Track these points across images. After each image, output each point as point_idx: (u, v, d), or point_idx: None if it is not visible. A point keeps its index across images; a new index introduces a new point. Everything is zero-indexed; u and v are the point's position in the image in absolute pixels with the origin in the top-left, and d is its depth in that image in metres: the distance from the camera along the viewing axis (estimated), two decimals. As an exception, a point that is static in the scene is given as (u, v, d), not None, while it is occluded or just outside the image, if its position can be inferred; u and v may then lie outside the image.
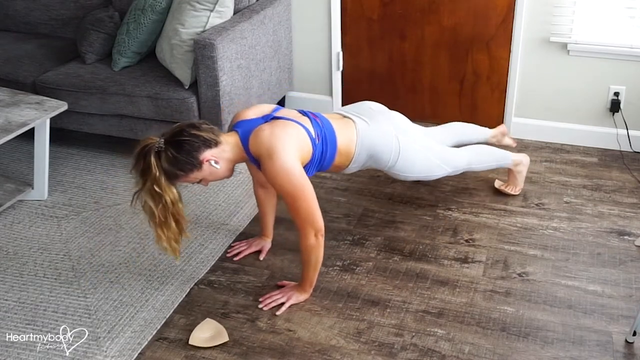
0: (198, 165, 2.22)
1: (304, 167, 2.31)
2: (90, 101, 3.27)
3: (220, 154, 2.26)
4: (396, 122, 2.63)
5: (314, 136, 2.34)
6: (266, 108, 2.41)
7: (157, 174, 2.16)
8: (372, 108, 2.64)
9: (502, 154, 2.94)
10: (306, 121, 2.37)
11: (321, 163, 2.41)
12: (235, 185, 3.18)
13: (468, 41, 3.53)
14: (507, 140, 3.26)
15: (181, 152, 2.18)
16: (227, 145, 2.28)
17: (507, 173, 3.07)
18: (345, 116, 2.54)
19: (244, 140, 2.29)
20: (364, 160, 2.53)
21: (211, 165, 2.24)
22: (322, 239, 2.31)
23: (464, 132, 3.04)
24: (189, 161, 2.19)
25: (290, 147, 2.23)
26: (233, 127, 2.38)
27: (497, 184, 3.11)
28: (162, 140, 2.19)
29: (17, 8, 3.91)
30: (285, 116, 2.34)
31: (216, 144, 2.24)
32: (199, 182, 2.30)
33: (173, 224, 2.22)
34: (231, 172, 2.35)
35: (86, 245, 2.80)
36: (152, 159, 2.15)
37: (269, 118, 2.34)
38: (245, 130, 2.31)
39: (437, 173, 2.72)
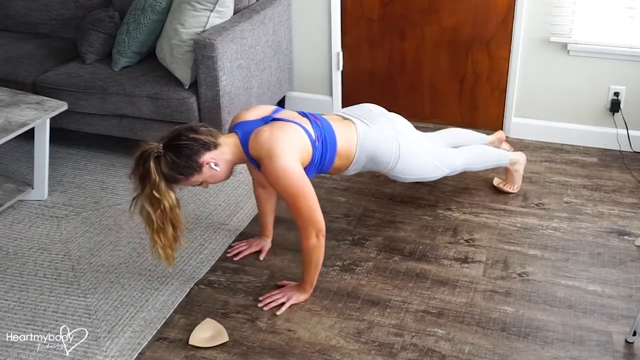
0: (198, 168, 2.21)
1: (304, 169, 2.31)
2: (90, 101, 3.27)
3: (219, 156, 2.25)
4: (396, 124, 2.63)
5: (314, 138, 2.33)
6: (266, 109, 2.41)
7: (157, 179, 2.15)
8: (372, 110, 2.63)
9: (499, 154, 2.96)
10: (306, 122, 2.36)
11: (321, 165, 2.41)
12: (235, 186, 3.19)
13: (468, 41, 3.53)
14: (504, 147, 3.27)
15: (180, 156, 2.18)
16: (226, 147, 2.28)
17: (505, 172, 3.08)
18: (345, 118, 2.53)
19: (244, 142, 2.29)
20: (364, 162, 2.53)
21: (211, 167, 2.23)
22: (323, 240, 2.31)
23: (461, 137, 3.05)
24: (188, 165, 2.19)
25: (290, 148, 2.23)
26: (233, 129, 2.37)
27: (496, 181, 3.12)
28: (161, 145, 2.18)
29: (17, 8, 3.91)
30: (286, 117, 2.34)
31: (215, 146, 2.24)
32: (200, 184, 2.30)
33: (170, 231, 2.21)
34: (230, 173, 2.35)
35: (86, 245, 2.80)
36: (152, 164, 2.15)
37: (269, 120, 2.33)
38: (245, 131, 2.30)
39: (435, 174, 2.73)
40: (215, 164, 2.24)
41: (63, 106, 3.02)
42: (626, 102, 3.37)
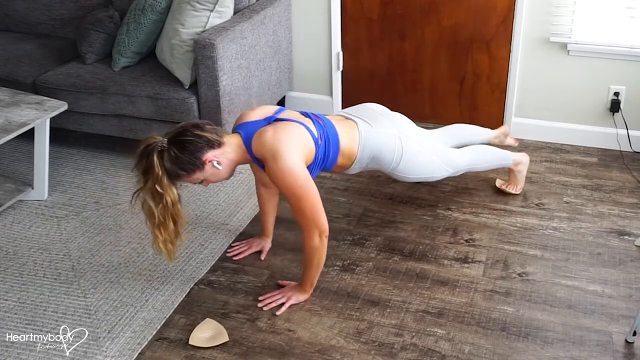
0: (200, 165, 2.22)
1: (307, 168, 2.31)
2: (90, 101, 3.27)
3: (222, 155, 2.26)
4: (398, 123, 2.62)
5: (316, 137, 2.34)
6: (269, 109, 2.41)
7: (160, 173, 2.15)
8: (374, 109, 2.64)
9: (503, 155, 2.95)
10: (309, 122, 2.37)
11: (324, 164, 2.41)
12: (235, 185, 3.18)
13: (468, 41, 3.53)
14: (509, 141, 3.27)
15: (184, 152, 2.18)
16: (230, 146, 2.28)
17: (508, 173, 3.08)
18: (347, 118, 2.54)
19: (247, 142, 2.29)
20: (366, 161, 2.53)
21: (213, 166, 2.24)
22: (325, 241, 2.31)
23: (465, 134, 3.05)
24: (191, 161, 2.20)
25: (294, 147, 2.23)
26: (236, 129, 2.38)
27: (499, 182, 3.12)
28: (166, 139, 2.19)
29: (17, 8, 3.91)
30: (288, 117, 2.34)
31: (219, 144, 2.25)
32: (200, 182, 2.30)
33: (171, 225, 2.21)
34: (232, 173, 2.35)
35: (86, 245, 2.80)
36: (155, 158, 2.15)
37: (272, 120, 2.33)
38: (248, 132, 2.31)
39: (438, 174, 2.72)
40: (218, 163, 2.24)
41: (63, 106, 3.02)
42: (626, 102, 3.37)
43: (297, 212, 2.28)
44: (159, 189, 2.16)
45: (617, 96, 3.36)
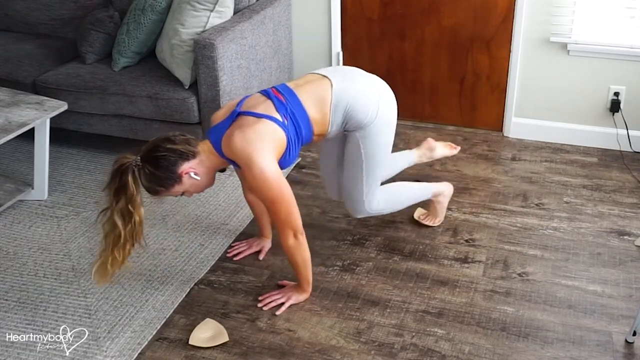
0: (178, 179, 2.20)
1: (286, 154, 2.29)
2: (90, 101, 3.27)
3: (199, 165, 2.24)
4: (381, 90, 2.47)
5: (281, 120, 2.26)
6: (233, 102, 2.36)
7: (134, 193, 2.14)
8: (357, 70, 2.52)
9: (421, 191, 2.77)
10: (270, 107, 2.28)
11: (300, 139, 2.34)
12: (235, 186, 3.18)
13: (468, 41, 3.53)
14: (441, 151, 2.99)
15: (159, 168, 2.17)
16: (204, 154, 2.26)
17: (428, 204, 2.88)
18: (323, 76, 2.41)
19: (217, 147, 2.26)
20: (341, 120, 2.39)
21: (191, 177, 2.22)
22: (302, 238, 2.31)
23: (390, 166, 2.86)
24: (167, 176, 2.18)
25: (265, 150, 2.20)
26: (207, 134, 2.35)
27: (417, 214, 2.92)
28: (139, 157, 2.17)
29: (17, 8, 3.91)
30: (250, 110, 2.27)
31: (194, 155, 2.23)
32: (182, 194, 2.29)
33: (128, 248, 2.20)
34: (213, 180, 2.34)
35: (86, 245, 2.80)
36: (129, 178, 2.13)
37: (235, 115, 2.28)
38: (216, 136, 2.28)
39: (366, 190, 2.53)
40: (195, 173, 2.23)
41: (63, 106, 3.02)
42: (626, 102, 3.37)
43: (272, 214, 2.29)
44: (130, 208, 2.14)
45: (617, 96, 3.36)
